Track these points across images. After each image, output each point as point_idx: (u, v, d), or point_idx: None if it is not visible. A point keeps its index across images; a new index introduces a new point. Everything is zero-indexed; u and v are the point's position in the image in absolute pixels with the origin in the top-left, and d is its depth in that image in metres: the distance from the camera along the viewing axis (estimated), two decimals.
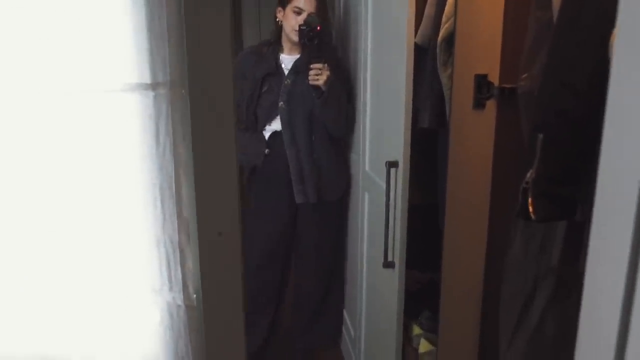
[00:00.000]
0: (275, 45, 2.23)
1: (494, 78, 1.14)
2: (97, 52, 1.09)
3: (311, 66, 2.05)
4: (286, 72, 2.19)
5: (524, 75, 0.93)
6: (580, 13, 0.78)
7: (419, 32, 1.62)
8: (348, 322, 2.54)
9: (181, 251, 1.14)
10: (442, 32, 1.37)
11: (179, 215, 1.13)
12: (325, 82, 2.06)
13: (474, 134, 1.15)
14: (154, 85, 1.09)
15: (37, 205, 1.12)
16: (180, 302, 1.16)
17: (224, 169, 1.00)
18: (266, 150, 2.22)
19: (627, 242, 0.47)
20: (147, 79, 1.09)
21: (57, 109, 1.11)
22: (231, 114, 1.00)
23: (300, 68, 2.16)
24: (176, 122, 1.10)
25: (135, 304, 1.20)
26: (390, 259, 1.63)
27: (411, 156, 1.51)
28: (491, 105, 1.15)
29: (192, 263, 1.14)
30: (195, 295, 1.15)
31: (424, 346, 1.64)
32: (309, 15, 2.08)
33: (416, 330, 1.73)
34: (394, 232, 1.61)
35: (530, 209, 0.86)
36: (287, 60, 2.21)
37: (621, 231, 0.48)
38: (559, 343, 0.96)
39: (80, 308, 1.19)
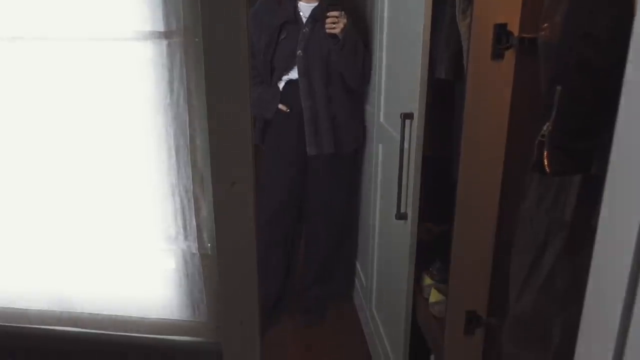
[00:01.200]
0: None
1: (514, 28, 1.10)
2: (109, 0, 1.07)
3: (328, 14, 2.02)
4: (304, 20, 2.15)
5: (544, 25, 0.90)
6: None
7: None
8: (360, 272, 2.58)
9: (196, 200, 1.15)
10: None
11: (194, 164, 1.14)
12: (342, 30, 2.03)
13: (492, 85, 1.13)
14: (167, 34, 1.08)
15: (53, 154, 1.14)
16: (195, 250, 1.18)
17: (237, 119, 1.00)
18: (279, 105, 2.20)
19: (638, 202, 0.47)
20: (160, 27, 1.08)
21: (70, 57, 1.11)
22: (245, 62, 0.99)
23: (318, 16, 2.12)
24: (190, 70, 1.09)
25: (151, 252, 1.23)
26: (403, 210, 1.63)
27: (428, 107, 1.49)
28: (510, 55, 1.12)
29: (206, 212, 1.16)
30: (209, 244, 1.17)
31: (434, 296, 1.66)
32: None
33: (427, 280, 1.75)
34: (407, 184, 1.61)
35: (546, 162, 0.85)
36: (305, 8, 2.17)
37: (634, 189, 0.47)
38: (568, 295, 0.97)
39: (98, 255, 1.22)
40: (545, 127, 0.85)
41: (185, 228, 1.19)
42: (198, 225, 1.18)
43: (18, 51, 1.10)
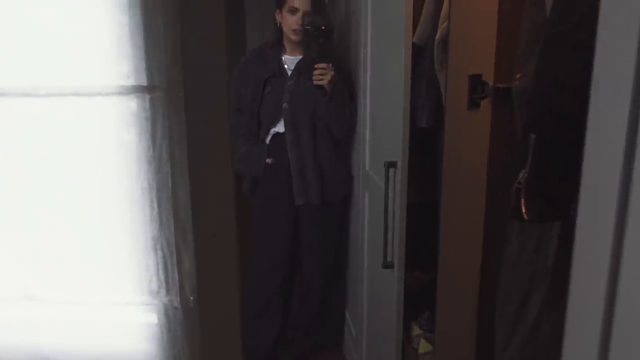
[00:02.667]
0: (277, 46, 2.24)
1: (489, 78, 1.13)
2: (94, 56, 1.09)
3: (316, 66, 2.06)
4: (289, 72, 2.19)
5: (518, 75, 0.93)
6: (571, 12, 0.78)
7: (417, 31, 1.62)
8: (350, 322, 2.54)
9: (178, 253, 1.15)
10: (440, 32, 1.36)
11: (176, 216, 1.14)
12: (330, 82, 2.06)
13: (469, 133, 1.15)
14: (150, 88, 1.09)
15: (35, 208, 1.13)
16: (177, 304, 1.17)
17: (218, 171, 1.01)
18: (268, 160, 2.22)
19: (609, 242, 0.47)
20: (143, 82, 1.09)
21: (55, 112, 1.12)
22: (225, 116, 1.00)
23: (302, 68, 2.16)
24: (173, 124, 1.10)
25: (133, 306, 1.21)
26: (389, 259, 1.62)
27: (412, 155, 1.50)
28: (486, 105, 1.14)
29: (188, 264, 1.15)
30: (192, 297, 1.15)
31: (423, 346, 1.63)
32: (304, 14, 2.09)
33: (416, 330, 1.72)
34: (393, 232, 1.60)
35: (523, 209, 0.86)
36: (290, 61, 2.21)
37: (603, 230, 0.48)
38: (555, 343, 0.96)
39: (80, 311, 1.20)
40: (521, 175, 0.86)
41: (167, 282, 1.18)
42: (180, 279, 1.16)
43: (3, 106, 1.11)
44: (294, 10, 2.10)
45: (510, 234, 1.00)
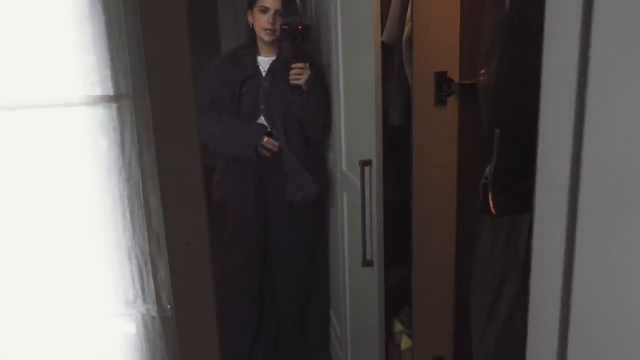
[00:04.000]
0: (251, 48, 2.23)
1: (454, 75, 1.15)
2: (57, 67, 1.08)
3: (292, 65, 2.06)
4: (264, 73, 2.19)
5: (482, 71, 0.94)
6: (527, 10, 0.79)
7: (385, 30, 1.63)
8: (335, 321, 2.55)
9: (153, 262, 1.14)
10: (407, 31, 1.37)
11: (149, 225, 1.13)
12: (307, 82, 2.06)
13: (437, 130, 1.16)
14: (117, 97, 1.09)
15: (4, 221, 1.11)
16: (154, 313, 1.16)
17: (189, 178, 1.00)
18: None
19: (562, 234, 0.48)
20: (109, 91, 1.08)
21: (20, 124, 1.10)
22: (194, 122, 1.00)
23: (276, 69, 2.17)
24: (141, 131, 1.09)
25: (109, 317, 1.20)
26: (369, 257, 1.63)
27: (388, 153, 1.51)
28: (452, 101, 1.15)
29: (164, 273, 1.14)
30: (169, 306, 1.15)
31: (405, 342, 1.64)
32: (276, 12, 2.09)
33: (398, 327, 1.73)
34: (371, 231, 1.61)
35: (491, 204, 0.87)
36: (264, 62, 2.21)
37: (557, 223, 0.49)
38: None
39: (55, 324, 1.18)
40: (487, 170, 0.87)
41: (143, 291, 1.17)
42: (156, 287, 1.16)
43: None
44: (265, 10, 2.10)
45: (480, 229, 1.02)
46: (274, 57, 2.20)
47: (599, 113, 0.44)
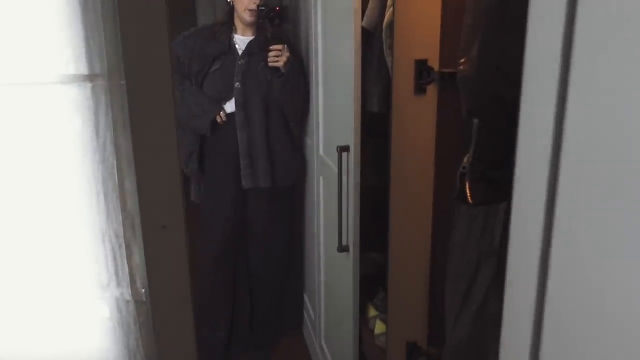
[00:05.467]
0: (228, 25, 2.20)
1: (434, 63, 1.15)
2: (31, 44, 1.05)
3: (271, 47, 2.03)
4: (240, 52, 2.16)
5: (462, 60, 0.94)
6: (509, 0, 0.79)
7: (366, 15, 1.62)
8: (308, 305, 2.56)
9: (127, 245, 1.12)
10: (387, 17, 1.37)
11: (123, 208, 1.12)
12: (286, 64, 2.04)
13: (416, 118, 1.16)
14: (91, 77, 1.06)
15: None
16: (128, 297, 1.15)
17: (164, 161, 0.99)
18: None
19: (540, 223, 0.49)
20: (84, 70, 1.06)
21: None
22: (170, 103, 0.98)
23: (254, 49, 2.14)
24: (116, 113, 1.07)
25: (83, 300, 1.18)
26: (344, 242, 1.64)
27: (366, 139, 1.51)
28: (432, 90, 1.16)
29: (138, 257, 1.13)
30: (143, 290, 1.14)
31: (379, 327, 1.66)
32: None
33: (372, 312, 1.75)
34: (347, 216, 1.62)
35: (468, 192, 0.88)
36: (241, 40, 2.18)
37: (535, 213, 0.50)
38: (500, 323, 0.99)
39: (27, 306, 1.17)
40: (465, 159, 0.88)
41: (117, 274, 1.16)
42: (131, 271, 1.14)
43: None
44: None
45: (456, 217, 1.03)
46: (252, 37, 2.17)
47: (580, 102, 0.44)
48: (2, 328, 1.13)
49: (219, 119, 2.15)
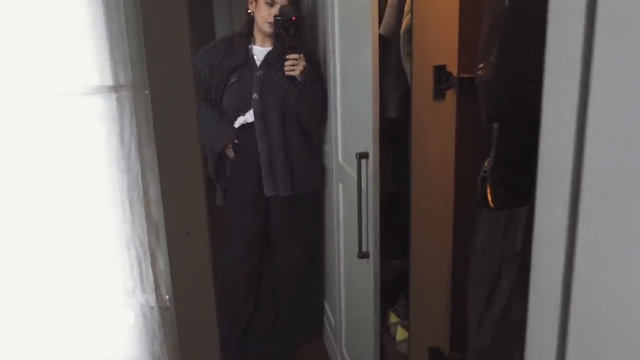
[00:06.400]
0: (246, 36, 2.22)
1: (453, 68, 1.15)
2: (58, 57, 1.08)
3: (287, 57, 2.05)
4: (258, 63, 2.18)
5: (481, 65, 0.94)
6: (528, 3, 0.79)
7: (383, 23, 1.63)
8: (329, 312, 2.56)
9: (151, 252, 1.14)
10: (404, 23, 1.37)
11: (148, 216, 1.13)
12: (302, 73, 2.06)
13: (436, 124, 1.17)
14: (116, 87, 1.08)
15: (6, 213, 1.11)
16: (153, 303, 1.16)
17: (188, 169, 1.01)
18: (234, 140, 2.20)
19: (564, 227, 0.49)
20: (109, 81, 1.08)
21: (21, 113, 1.10)
22: (193, 112, 1.00)
23: (272, 60, 2.16)
24: (141, 122, 1.09)
25: (108, 307, 1.20)
26: (364, 249, 1.64)
27: (386, 145, 1.52)
28: (451, 95, 1.16)
29: (163, 264, 1.14)
30: (167, 296, 1.15)
31: (400, 334, 1.66)
32: (282, 6, 2.08)
33: (393, 318, 1.75)
34: (367, 222, 1.62)
35: (489, 197, 0.88)
36: (259, 51, 2.20)
37: (559, 217, 0.50)
38: (524, 327, 0.99)
39: (54, 315, 1.19)
40: (486, 163, 0.88)
41: (142, 281, 1.17)
42: (155, 278, 1.16)
43: None
44: (272, 4, 2.08)
45: (477, 222, 1.03)
46: (270, 48, 2.19)
47: (602, 103, 0.44)
48: (31, 335, 1.16)
49: (228, 152, 2.20)
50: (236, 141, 2.19)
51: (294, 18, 2.04)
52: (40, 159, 1.11)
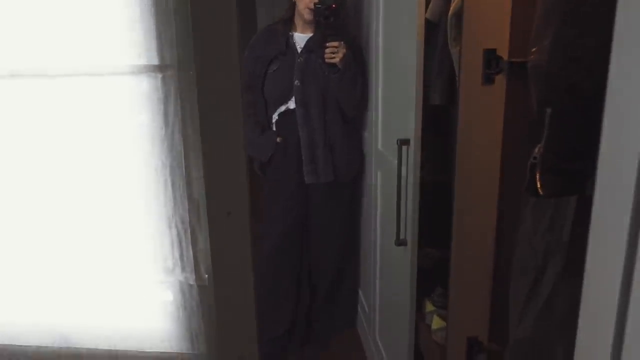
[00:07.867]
0: (288, 23, 2.22)
1: (503, 52, 1.12)
2: (104, 36, 1.09)
3: (327, 44, 2.04)
4: (299, 50, 2.18)
5: (533, 49, 0.91)
6: None
7: (430, 7, 1.60)
8: (363, 300, 2.56)
9: (192, 231, 1.15)
10: (453, 7, 1.34)
11: (190, 195, 1.14)
12: (342, 60, 2.05)
13: (484, 110, 1.14)
14: (161, 67, 1.09)
15: (51, 189, 1.14)
16: (192, 281, 1.18)
17: (231, 149, 1.01)
18: (277, 139, 2.22)
19: (627, 219, 0.47)
20: (154, 61, 1.09)
21: (67, 93, 1.12)
22: (237, 93, 1.00)
23: (313, 47, 2.15)
24: (185, 103, 1.10)
25: (148, 284, 1.22)
26: (402, 237, 1.63)
27: (425, 133, 1.49)
28: (500, 80, 1.13)
29: (203, 243, 1.15)
30: (207, 275, 1.16)
31: (436, 322, 1.64)
32: None
33: (429, 307, 1.73)
34: (406, 210, 1.61)
35: (538, 184, 0.85)
36: (300, 38, 2.20)
37: (621, 208, 0.48)
38: (568, 318, 0.96)
39: (96, 289, 1.21)
40: (536, 149, 0.85)
41: (182, 259, 1.19)
42: (195, 257, 1.17)
43: (16, 88, 1.12)
44: None
45: (524, 210, 1.00)
46: (311, 34, 2.18)
47: None
48: (74, 311, 1.19)
49: (278, 140, 2.22)
50: (278, 140, 2.21)
51: (333, 5, 2.02)
52: (85, 139, 1.13)
